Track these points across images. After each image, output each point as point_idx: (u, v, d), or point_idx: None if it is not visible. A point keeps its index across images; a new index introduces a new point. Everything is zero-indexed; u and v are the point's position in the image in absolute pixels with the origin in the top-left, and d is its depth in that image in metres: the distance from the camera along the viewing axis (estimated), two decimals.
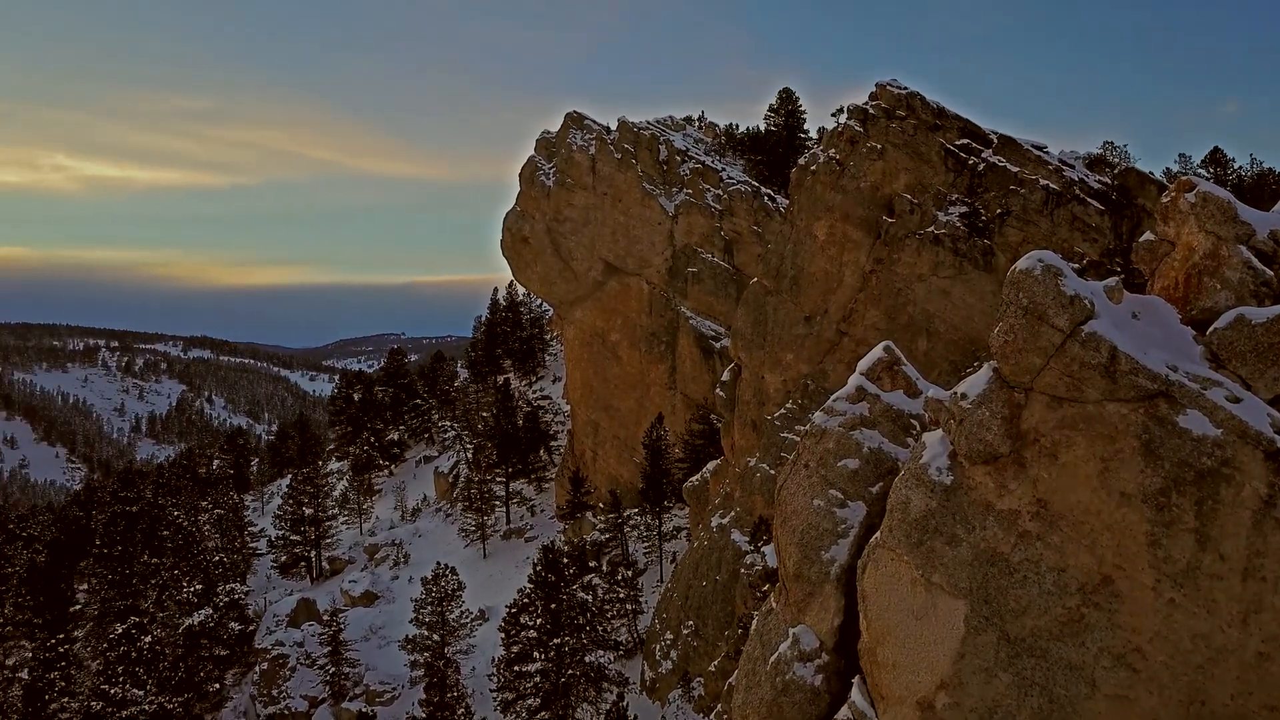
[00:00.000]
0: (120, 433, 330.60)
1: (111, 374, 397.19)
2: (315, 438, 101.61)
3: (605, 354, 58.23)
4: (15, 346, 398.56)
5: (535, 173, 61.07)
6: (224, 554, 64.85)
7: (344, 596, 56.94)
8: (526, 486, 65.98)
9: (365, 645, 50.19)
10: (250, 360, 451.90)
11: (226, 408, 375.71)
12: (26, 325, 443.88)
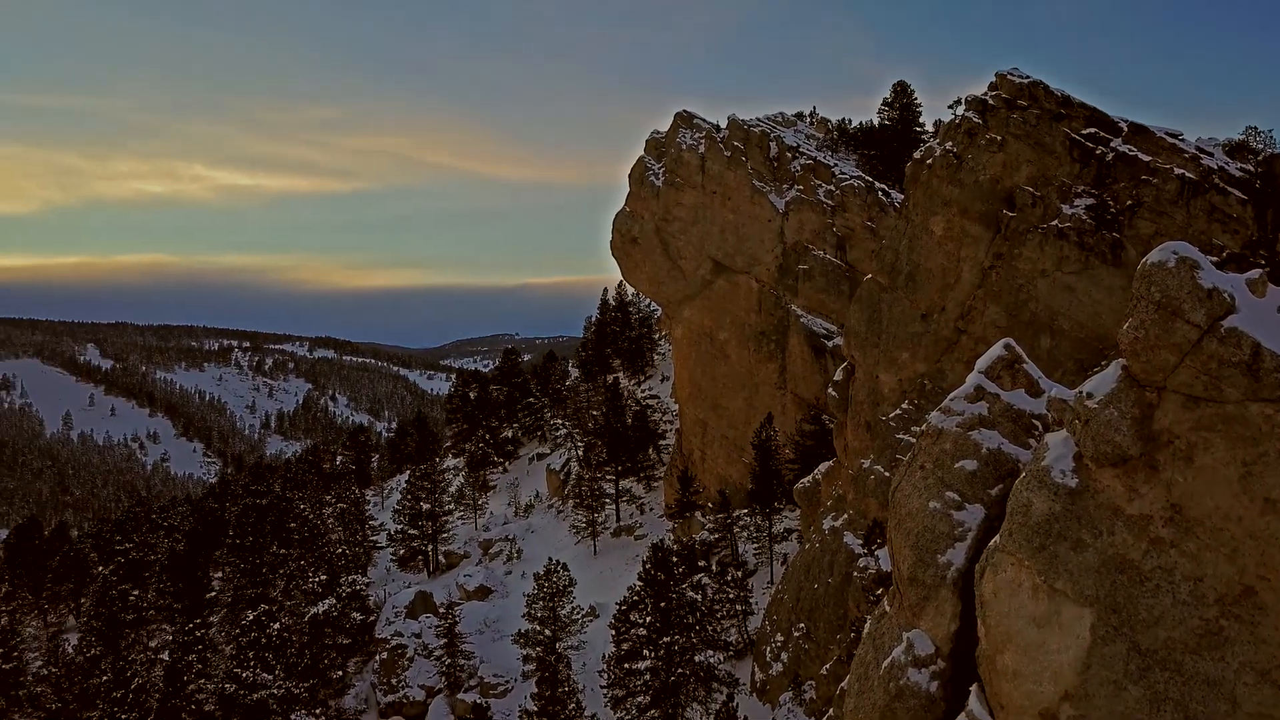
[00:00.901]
0: (251, 429, 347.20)
1: (244, 373, 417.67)
2: (433, 435, 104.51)
3: (714, 353, 58.05)
4: (157, 347, 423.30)
5: (644, 173, 61.34)
6: (346, 546, 67.34)
7: (459, 590, 58.34)
8: (636, 485, 66.35)
9: (480, 638, 51.32)
10: (371, 360, 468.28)
11: (349, 405, 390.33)
12: (167, 327, 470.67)
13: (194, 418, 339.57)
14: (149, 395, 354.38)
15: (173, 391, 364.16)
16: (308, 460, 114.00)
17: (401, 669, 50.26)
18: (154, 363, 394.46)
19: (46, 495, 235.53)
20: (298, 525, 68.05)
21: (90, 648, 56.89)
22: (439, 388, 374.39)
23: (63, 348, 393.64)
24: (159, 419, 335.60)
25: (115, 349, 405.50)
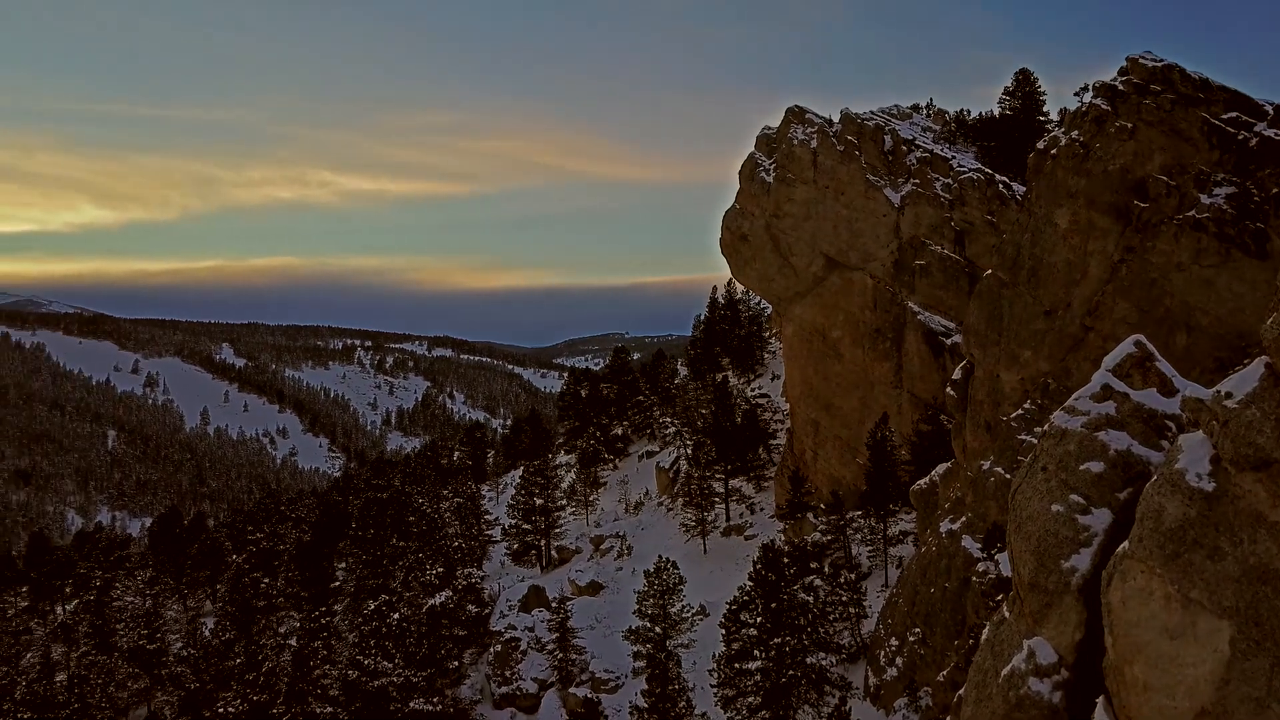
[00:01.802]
0: (373, 425, 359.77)
1: (366, 371, 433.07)
2: (545, 432, 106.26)
3: (826, 351, 57.16)
4: (286, 346, 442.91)
5: (755, 169, 60.85)
6: (463, 540, 69.08)
7: (571, 585, 59.10)
8: (746, 484, 65.94)
9: (591, 633, 51.87)
10: (487, 358, 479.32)
11: (465, 403, 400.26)
12: (295, 327, 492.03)
13: (320, 414, 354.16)
14: (278, 392, 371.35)
15: (300, 389, 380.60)
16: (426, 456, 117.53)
17: (515, 661, 51.23)
18: (283, 361, 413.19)
19: (186, 486, 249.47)
20: (416, 519, 70.15)
21: (225, 631, 59.92)
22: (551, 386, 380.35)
23: (200, 347, 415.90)
24: (288, 415, 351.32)
25: (248, 348, 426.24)
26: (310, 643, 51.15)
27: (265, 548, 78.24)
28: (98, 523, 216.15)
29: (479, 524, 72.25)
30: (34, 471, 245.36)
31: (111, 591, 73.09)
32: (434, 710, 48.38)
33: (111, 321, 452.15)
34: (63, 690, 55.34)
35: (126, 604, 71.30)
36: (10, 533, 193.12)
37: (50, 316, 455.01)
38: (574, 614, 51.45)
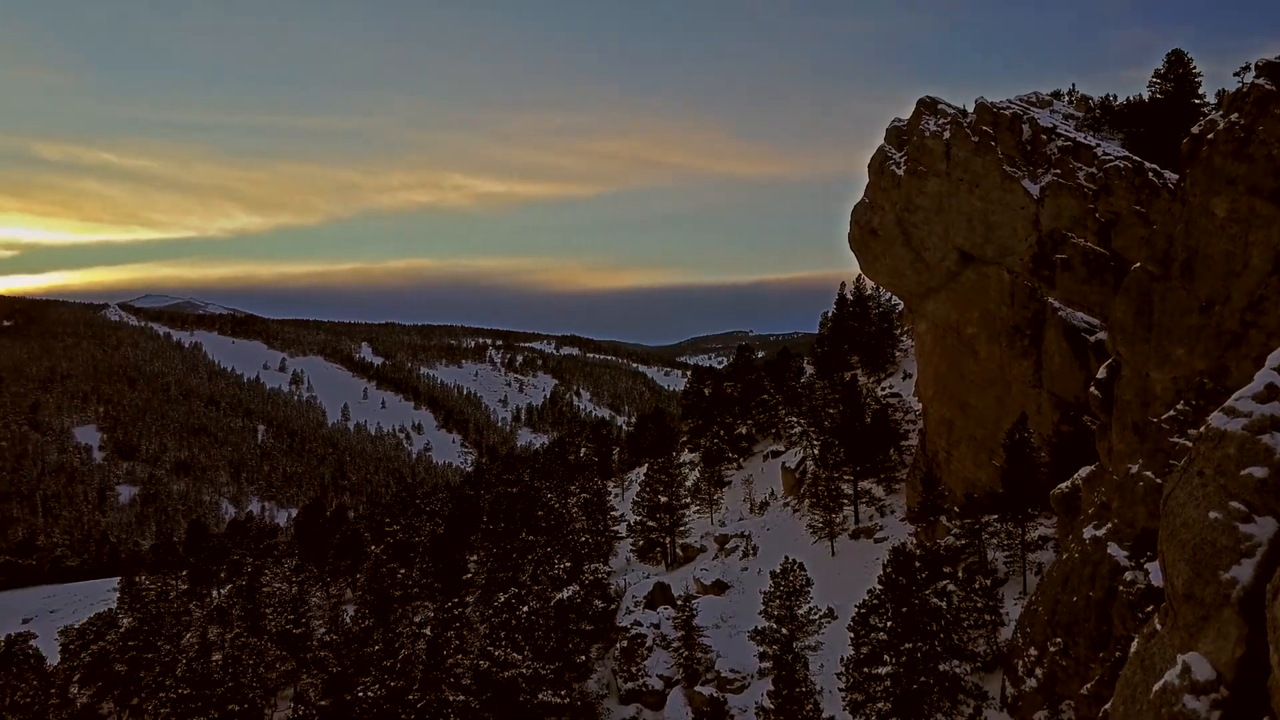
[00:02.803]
0: (503, 421, 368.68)
1: (497, 369, 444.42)
2: (670, 430, 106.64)
3: (960, 349, 55.28)
4: (421, 345, 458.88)
5: (884, 162, 59.37)
6: (589, 535, 69.98)
7: (695, 584, 59.07)
8: (875, 486, 64.48)
9: (716, 633, 51.72)
10: (612, 357, 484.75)
11: (591, 400, 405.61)
12: (430, 326, 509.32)
13: (453, 410, 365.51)
14: (414, 389, 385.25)
15: (434, 386, 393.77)
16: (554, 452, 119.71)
17: (641, 658, 51.56)
18: (419, 360, 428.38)
19: (328, 479, 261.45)
20: (545, 514, 71.50)
21: (364, 619, 62.53)
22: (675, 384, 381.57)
23: (341, 346, 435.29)
24: (422, 411, 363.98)
25: (385, 347, 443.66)
26: (444, 632, 52.76)
27: (402, 539, 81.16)
28: (249, 512, 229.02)
29: (605, 520, 73.03)
30: (192, 463, 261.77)
31: (261, 578, 77.18)
32: (562, 703, 49.20)
33: (261, 322, 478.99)
34: (218, 669, 58.71)
35: (275, 590, 75.12)
36: (172, 520, 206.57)
37: (206, 317, 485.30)
38: (699, 612, 51.39)
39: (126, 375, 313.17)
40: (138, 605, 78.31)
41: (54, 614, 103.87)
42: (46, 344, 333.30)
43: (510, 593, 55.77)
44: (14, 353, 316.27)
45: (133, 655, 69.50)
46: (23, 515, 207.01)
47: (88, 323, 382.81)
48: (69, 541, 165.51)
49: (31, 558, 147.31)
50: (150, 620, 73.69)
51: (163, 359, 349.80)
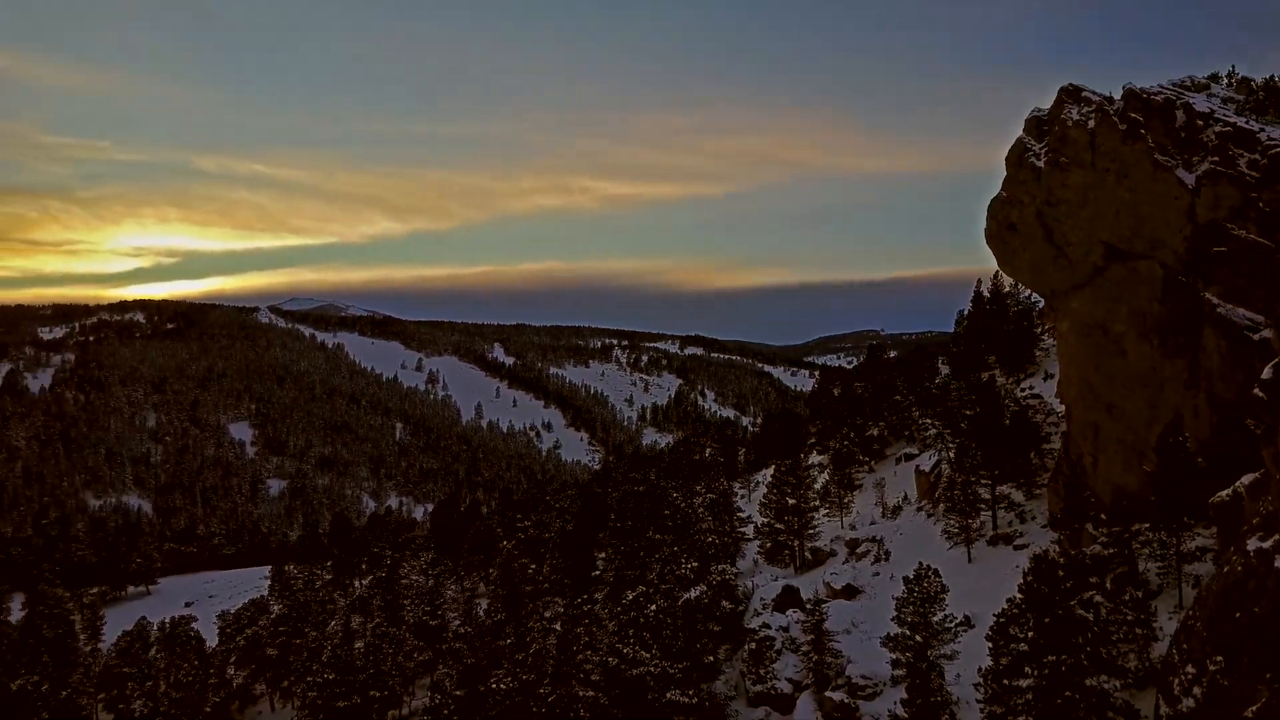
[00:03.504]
0: (629, 421, 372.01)
1: (622, 369, 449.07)
2: (797, 431, 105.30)
3: (1107, 347, 52.52)
4: (549, 345, 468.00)
5: (1023, 154, 56.99)
6: (716, 536, 69.74)
7: (825, 587, 58.12)
8: (1015, 491, 61.98)
9: (846, 638, 50.74)
10: (737, 357, 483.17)
11: (716, 401, 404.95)
12: (558, 327, 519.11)
13: (580, 409, 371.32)
14: (544, 389, 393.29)
15: (563, 385, 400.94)
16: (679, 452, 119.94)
17: (769, 660, 51.05)
18: (548, 359, 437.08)
19: (462, 475, 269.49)
20: (671, 513, 71.64)
21: (497, 612, 64.11)
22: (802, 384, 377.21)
23: (474, 346, 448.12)
24: (551, 410, 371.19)
25: (516, 347, 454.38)
26: (573, 628, 53.49)
27: (532, 535, 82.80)
28: (388, 507, 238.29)
29: (731, 521, 72.67)
30: (335, 459, 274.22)
31: (400, 570, 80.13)
32: (690, 702, 49.20)
33: (399, 323, 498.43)
34: (360, 656, 61.26)
35: (412, 582, 77.86)
36: (317, 513, 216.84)
37: (348, 319, 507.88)
38: (829, 616, 50.51)
39: (275, 374, 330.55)
40: (287, 593, 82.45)
41: (212, 599, 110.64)
42: (204, 345, 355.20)
43: (638, 591, 56.11)
44: (176, 354, 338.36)
45: (283, 640, 73.30)
46: (185, 506, 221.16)
47: (240, 325, 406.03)
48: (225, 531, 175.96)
49: (192, 545, 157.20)
50: (298, 608, 77.49)
51: (308, 359, 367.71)
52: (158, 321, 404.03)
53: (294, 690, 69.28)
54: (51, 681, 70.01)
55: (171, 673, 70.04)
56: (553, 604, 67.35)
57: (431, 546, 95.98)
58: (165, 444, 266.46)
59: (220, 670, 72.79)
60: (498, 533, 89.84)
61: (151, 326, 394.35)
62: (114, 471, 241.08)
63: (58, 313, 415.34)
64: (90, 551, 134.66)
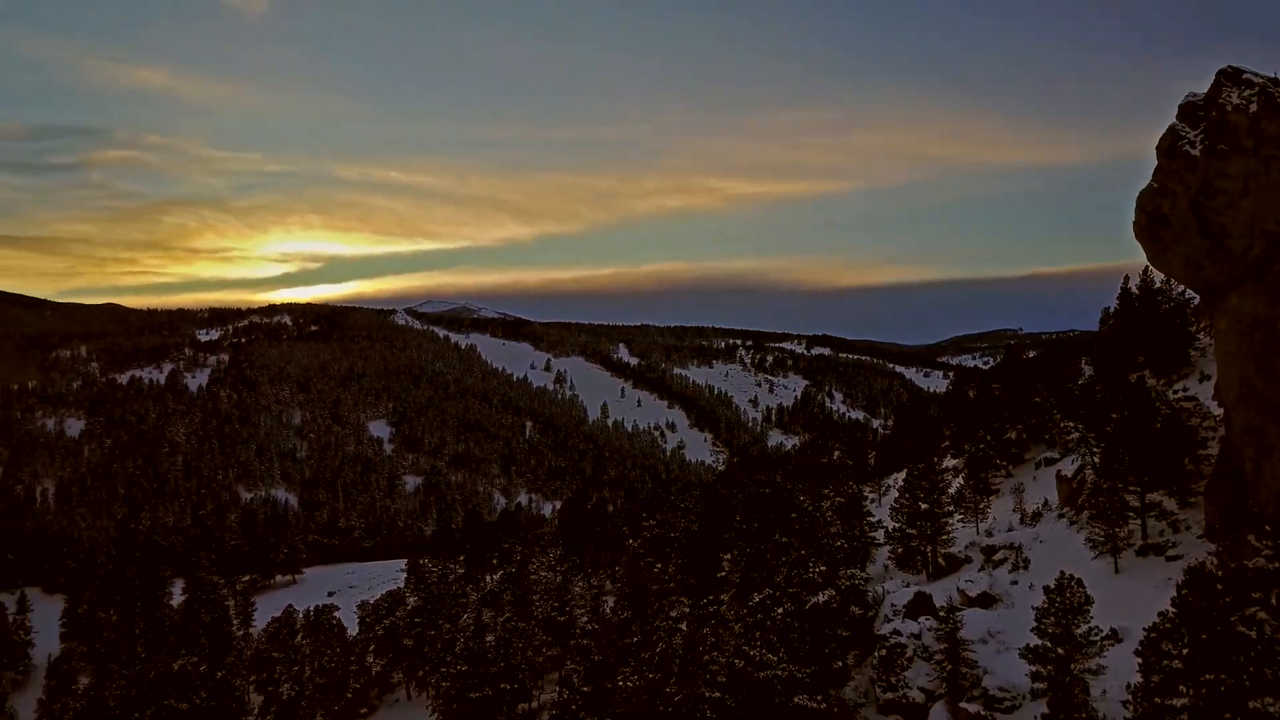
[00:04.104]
0: (754, 422, 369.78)
1: (747, 369, 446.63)
2: (930, 434, 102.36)
3: (1273, 347, 48.94)
4: (673, 346, 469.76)
5: (1176, 142, 53.71)
6: (844, 540, 68.44)
7: (959, 595, 56.23)
8: (1166, 499, 58.47)
9: (982, 648, 48.94)
10: (866, 357, 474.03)
11: (844, 402, 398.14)
12: (682, 328, 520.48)
13: (704, 410, 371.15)
14: (668, 389, 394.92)
15: (687, 386, 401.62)
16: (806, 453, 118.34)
17: (900, 668, 49.75)
18: (671, 360, 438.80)
19: (589, 474, 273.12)
20: (797, 515, 70.74)
21: (623, 611, 64.65)
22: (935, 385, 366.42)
23: (600, 347, 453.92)
24: (675, 410, 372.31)
25: (641, 348, 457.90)
26: (699, 629, 53.47)
27: (657, 535, 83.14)
28: (518, 503, 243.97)
29: (861, 525, 71.17)
30: (468, 456, 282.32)
31: (529, 566, 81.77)
32: (818, 708, 48.41)
33: (528, 325, 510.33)
34: (491, 650, 62.76)
35: (541, 578, 79.32)
36: (450, 508, 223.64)
37: (480, 321, 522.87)
38: (964, 625, 48.82)
39: (412, 374, 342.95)
40: (422, 586, 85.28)
41: (353, 589, 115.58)
42: (345, 346, 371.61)
43: (764, 593, 55.59)
44: (320, 354, 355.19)
45: (418, 631, 75.90)
46: (327, 500, 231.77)
47: (379, 327, 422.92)
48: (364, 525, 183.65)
49: (334, 538, 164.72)
50: (432, 600, 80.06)
51: (443, 359, 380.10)
52: (303, 324, 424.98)
53: (429, 680, 71.67)
54: (209, 663, 74.44)
55: (316, 659, 73.49)
56: (678, 604, 67.43)
57: (559, 543, 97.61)
58: (310, 440, 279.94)
59: (360, 658, 75.95)
60: (623, 531, 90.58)
61: (297, 328, 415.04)
62: (263, 466, 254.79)
63: (213, 316, 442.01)
64: (242, 541, 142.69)
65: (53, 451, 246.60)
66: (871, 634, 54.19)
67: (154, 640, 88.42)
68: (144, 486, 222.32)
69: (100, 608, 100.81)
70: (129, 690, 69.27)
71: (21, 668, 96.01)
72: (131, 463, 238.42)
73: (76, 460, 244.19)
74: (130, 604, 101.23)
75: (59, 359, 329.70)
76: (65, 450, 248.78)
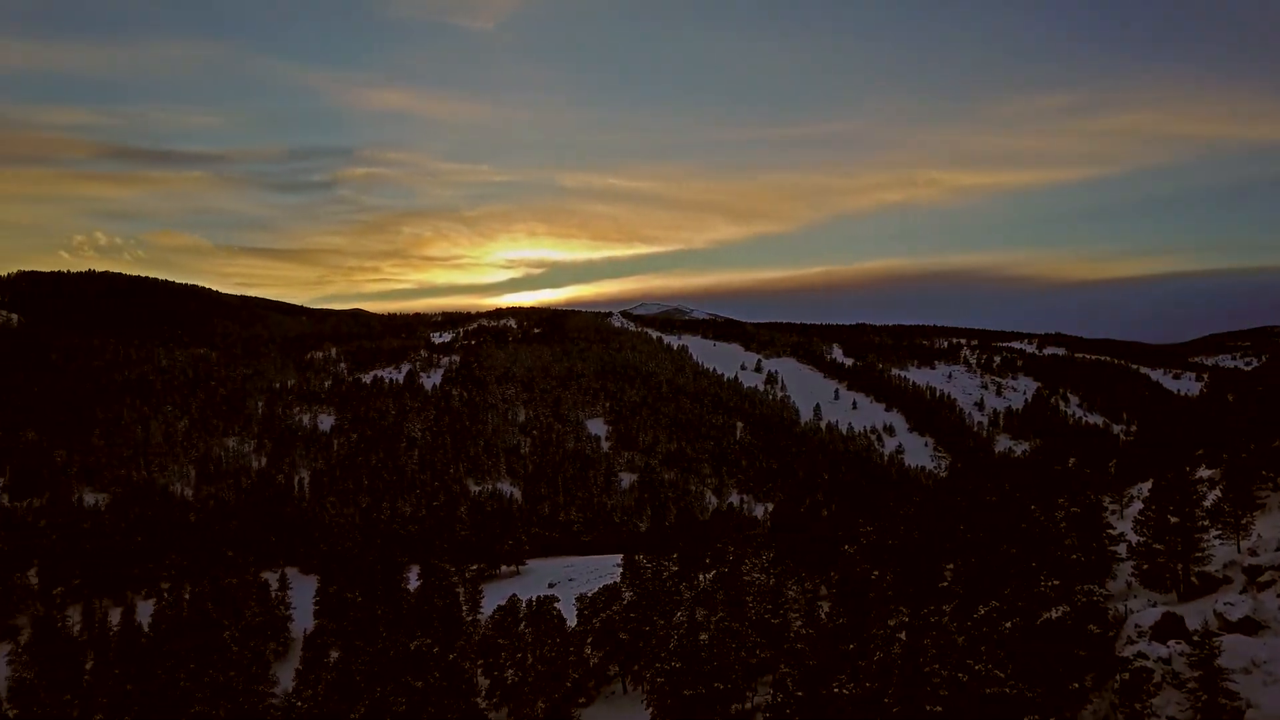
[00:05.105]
0: (979, 426, 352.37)
1: (972, 371, 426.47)
2: (1181, 440, 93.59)
3: None
4: (891, 346, 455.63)
5: None
6: (1080, 554, 63.68)
7: (1217, 619, 50.85)
8: None
9: (1245, 678, 43.99)
10: (1105, 357, 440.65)
11: (1080, 406, 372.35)
12: (900, 327, 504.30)
13: (924, 413, 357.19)
14: (885, 391, 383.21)
15: (905, 387, 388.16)
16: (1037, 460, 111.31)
17: (1146, 695, 45.57)
18: (889, 361, 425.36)
19: (801, 476, 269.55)
20: (1027, 526, 66.55)
21: (838, 616, 63.11)
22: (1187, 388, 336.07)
23: (813, 347, 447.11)
24: (893, 414, 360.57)
25: (855, 348, 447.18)
26: (920, 639, 51.28)
27: (874, 541, 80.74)
28: (729, 504, 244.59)
29: (1100, 538, 65.92)
30: (680, 455, 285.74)
31: (742, 566, 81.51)
32: None
33: (739, 326, 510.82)
34: (705, 648, 62.96)
35: (754, 579, 78.84)
36: (663, 506, 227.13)
37: (692, 322, 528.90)
38: (1223, 652, 44.07)
39: (627, 374, 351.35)
40: (637, 581, 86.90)
41: (572, 582, 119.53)
42: (565, 347, 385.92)
43: (990, 606, 52.63)
44: (542, 355, 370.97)
45: (633, 626, 77.38)
46: (549, 494, 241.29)
47: (596, 329, 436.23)
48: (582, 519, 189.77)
49: (554, 531, 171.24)
50: (647, 596, 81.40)
51: (655, 360, 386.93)
52: (526, 326, 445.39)
53: (644, 675, 72.87)
54: (441, 645, 79.15)
55: (537, 647, 76.48)
56: (896, 613, 65.07)
57: (772, 545, 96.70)
58: (533, 437, 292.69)
59: (579, 649, 78.32)
60: (839, 536, 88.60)
61: (521, 331, 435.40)
62: (490, 461, 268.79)
63: (446, 320, 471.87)
64: (471, 532, 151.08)
65: (308, 444, 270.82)
66: (1112, 656, 50.01)
67: (393, 621, 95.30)
68: (385, 478, 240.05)
69: (347, 589, 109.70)
70: (372, 666, 74.82)
71: (282, 639, 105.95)
72: (374, 456, 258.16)
73: (327, 453, 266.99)
74: (373, 586, 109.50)
75: (313, 360, 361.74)
76: (318, 443, 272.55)
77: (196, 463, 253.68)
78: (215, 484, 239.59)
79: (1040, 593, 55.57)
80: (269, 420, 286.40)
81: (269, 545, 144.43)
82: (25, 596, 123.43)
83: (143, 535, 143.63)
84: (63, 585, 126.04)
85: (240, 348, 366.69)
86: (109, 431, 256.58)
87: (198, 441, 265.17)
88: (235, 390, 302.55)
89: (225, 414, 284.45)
